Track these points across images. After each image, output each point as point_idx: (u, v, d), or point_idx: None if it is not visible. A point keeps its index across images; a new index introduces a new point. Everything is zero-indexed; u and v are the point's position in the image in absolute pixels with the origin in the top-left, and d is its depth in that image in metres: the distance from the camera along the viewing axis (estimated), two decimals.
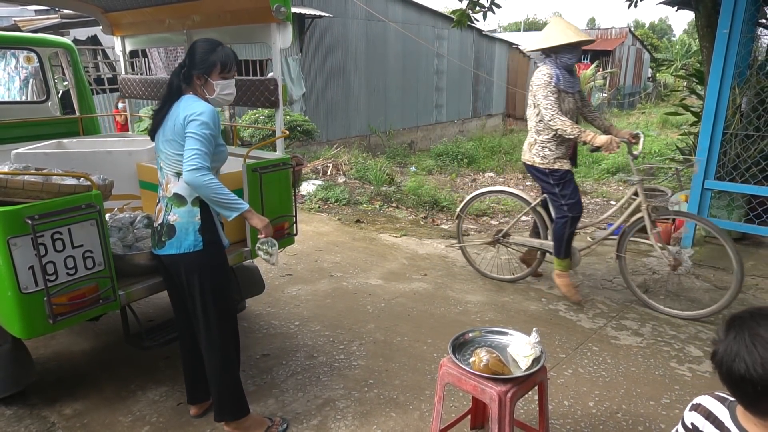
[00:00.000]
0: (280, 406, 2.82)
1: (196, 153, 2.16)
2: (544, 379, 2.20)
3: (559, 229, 3.89)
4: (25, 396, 2.86)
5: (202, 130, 2.19)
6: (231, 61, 2.33)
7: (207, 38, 2.35)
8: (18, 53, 7.31)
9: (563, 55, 3.72)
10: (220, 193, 2.19)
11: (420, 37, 15.04)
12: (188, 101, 2.27)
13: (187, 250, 2.29)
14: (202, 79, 2.30)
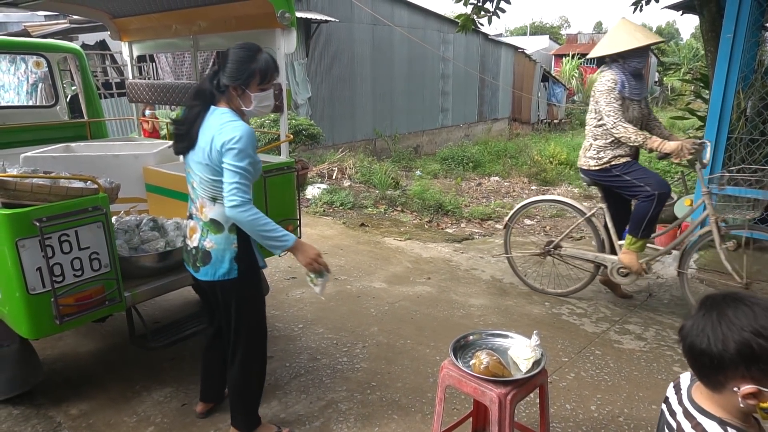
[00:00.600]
0: (283, 407, 2.84)
1: (236, 187, 2.02)
2: (545, 381, 2.20)
3: (644, 205, 3.59)
4: (32, 396, 2.89)
5: (241, 161, 2.01)
6: (271, 71, 2.13)
7: (244, 44, 2.12)
8: (27, 58, 7.41)
9: (632, 60, 3.55)
10: (265, 229, 2.06)
11: (426, 42, 15.09)
12: (221, 119, 2.08)
13: (222, 278, 2.20)
14: (239, 90, 2.10)
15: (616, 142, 3.62)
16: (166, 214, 3.28)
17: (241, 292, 2.27)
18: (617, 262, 3.84)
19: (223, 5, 3.28)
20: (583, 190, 10.26)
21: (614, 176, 3.68)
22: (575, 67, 26.02)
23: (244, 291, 2.28)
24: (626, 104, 3.59)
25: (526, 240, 6.06)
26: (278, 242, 2.08)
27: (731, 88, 4.59)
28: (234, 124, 2.06)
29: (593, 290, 4.37)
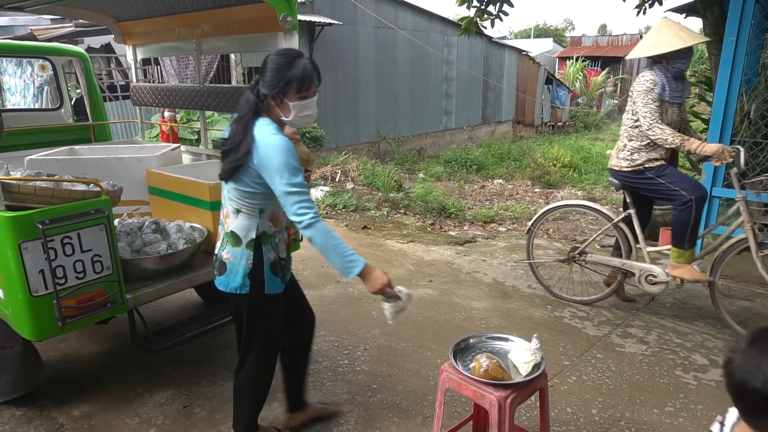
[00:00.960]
0: (285, 410, 2.84)
1: (299, 206, 1.92)
2: (545, 385, 2.20)
3: (683, 215, 3.46)
4: (35, 397, 2.91)
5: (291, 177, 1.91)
6: (310, 78, 2.01)
7: (283, 50, 2.03)
8: (33, 61, 7.48)
9: (676, 62, 3.43)
10: (338, 249, 1.96)
11: (429, 44, 15.10)
12: (260, 133, 1.98)
13: (233, 291, 2.15)
14: (277, 99, 2.01)
15: (652, 144, 3.53)
16: (168, 217, 3.29)
17: (252, 308, 2.21)
18: (646, 269, 3.75)
19: (226, 9, 3.30)
20: (586, 192, 10.24)
21: (647, 179, 3.58)
22: (579, 69, 25.99)
23: (256, 308, 2.21)
24: (665, 107, 3.49)
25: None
26: (348, 264, 1.98)
27: (734, 91, 4.58)
28: (272, 139, 1.95)
29: (595, 293, 4.36)
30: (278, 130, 2.02)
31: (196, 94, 3.78)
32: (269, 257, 2.15)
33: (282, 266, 2.22)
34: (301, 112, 2.04)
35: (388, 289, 2.05)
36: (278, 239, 2.20)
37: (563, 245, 5.17)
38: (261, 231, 2.12)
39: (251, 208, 2.10)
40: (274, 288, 2.19)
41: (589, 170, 12.52)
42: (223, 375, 3.16)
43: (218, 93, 3.63)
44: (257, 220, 2.11)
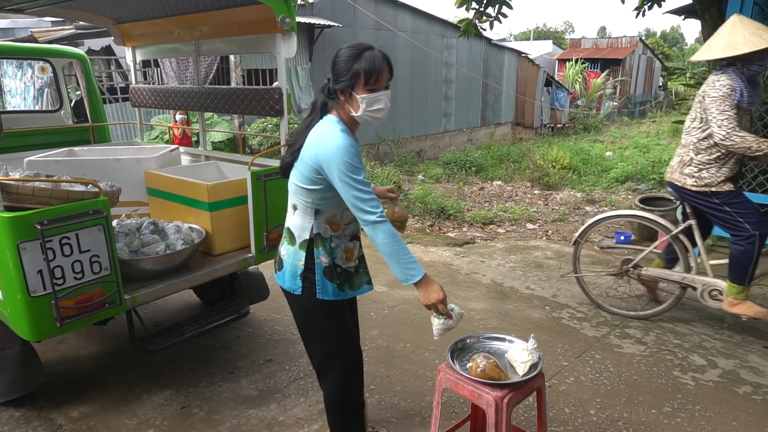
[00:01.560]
0: (282, 410, 2.85)
1: (359, 202, 1.87)
2: (542, 385, 2.21)
3: (745, 249, 3.24)
4: (34, 398, 2.91)
5: (350, 174, 1.86)
6: (379, 70, 1.91)
7: (352, 43, 1.95)
8: (33, 63, 7.49)
9: (753, 64, 3.13)
10: (400, 255, 1.91)
11: (429, 47, 15.13)
12: (321, 129, 1.96)
13: (288, 289, 2.12)
14: (345, 93, 1.94)
15: (723, 158, 3.26)
16: (167, 218, 3.30)
17: (304, 311, 2.16)
18: (709, 284, 3.55)
19: (225, 11, 3.31)
20: (586, 194, 10.25)
21: (713, 204, 3.34)
22: (579, 71, 26.02)
23: (309, 312, 2.14)
24: (740, 114, 3.19)
25: (527, 244, 6.06)
26: (407, 271, 1.92)
27: None
28: (330, 137, 1.91)
29: (594, 294, 4.36)
30: (344, 128, 1.96)
31: (196, 95, 3.79)
32: (322, 260, 2.06)
33: (339, 273, 2.11)
34: (370, 106, 1.94)
35: (441, 305, 1.99)
36: (335, 244, 2.08)
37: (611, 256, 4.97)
38: (315, 233, 2.05)
39: (306, 206, 2.04)
40: (327, 294, 2.09)
41: (588, 172, 12.52)
42: (222, 376, 3.17)
43: (217, 94, 3.64)
44: (312, 221, 2.05)
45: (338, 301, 2.13)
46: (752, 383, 3.08)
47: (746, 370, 3.22)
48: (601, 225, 4.26)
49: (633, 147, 15.54)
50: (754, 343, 3.54)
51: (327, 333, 2.17)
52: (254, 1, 2.93)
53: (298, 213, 2.08)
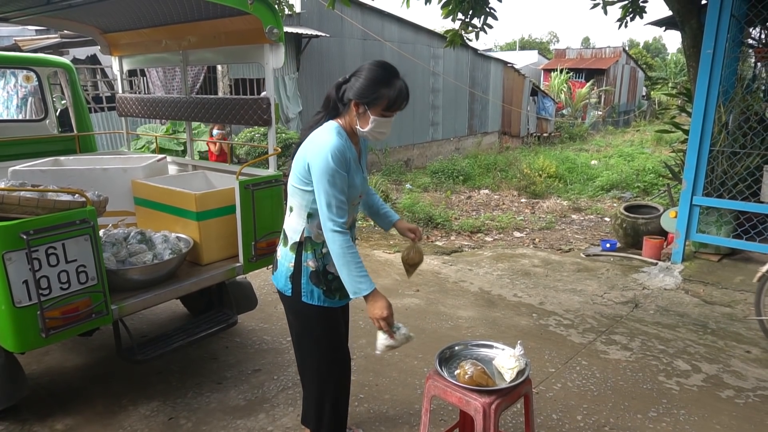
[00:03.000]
0: (271, 420, 2.84)
1: (326, 208, 1.92)
2: (529, 391, 2.23)
3: None
4: (17, 411, 2.87)
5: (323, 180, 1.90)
6: (401, 100, 1.98)
7: (384, 64, 1.97)
8: (17, 72, 7.43)
9: None
10: (350, 265, 1.95)
11: (416, 57, 15.25)
12: (319, 131, 1.99)
13: (280, 290, 2.17)
14: (360, 108, 1.97)
15: None
16: (154, 227, 3.28)
17: (294, 313, 2.18)
18: None
19: (213, 21, 3.32)
20: (572, 202, 10.36)
21: None
22: (564, 81, 26.36)
23: (298, 314, 2.17)
24: None
25: (515, 252, 6.10)
26: (356, 284, 1.97)
27: (712, 102, 4.70)
28: (323, 140, 1.94)
29: (580, 301, 4.42)
30: (340, 134, 1.99)
31: (183, 105, 3.79)
32: (309, 265, 2.09)
33: (330, 280, 2.12)
34: (378, 128, 2.00)
35: (383, 321, 2.02)
36: (326, 250, 2.07)
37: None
38: (306, 236, 2.08)
39: (300, 208, 2.07)
40: (313, 299, 2.10)
41: (574, 180, 12.66)
42: (209, 386, 3.15)
43: (205, 104, 3.64)
44: (304, 224, 2.07)
45: (328, 308, 2.14)
46: (735, 387, 3.13)
47: (729, 374, 3.27)
48: (588, 234, 4.26)
49: (618, 156, 15.75)
50: (737, 348, 3.60)
51: (314, 337, 2.19)
52: (242, 12, 2.95)
53: (293, 215, 2.10)
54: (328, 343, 2.22)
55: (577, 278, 4.98)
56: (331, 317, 2.18)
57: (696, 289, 4.60)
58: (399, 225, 2.40)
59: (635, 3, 5.99)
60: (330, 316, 2.18)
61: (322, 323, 2.17)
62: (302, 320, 2.18)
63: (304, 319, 2.17)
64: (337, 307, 2.19)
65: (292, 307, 2.17)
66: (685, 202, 4.97)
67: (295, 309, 2.17)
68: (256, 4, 2.89)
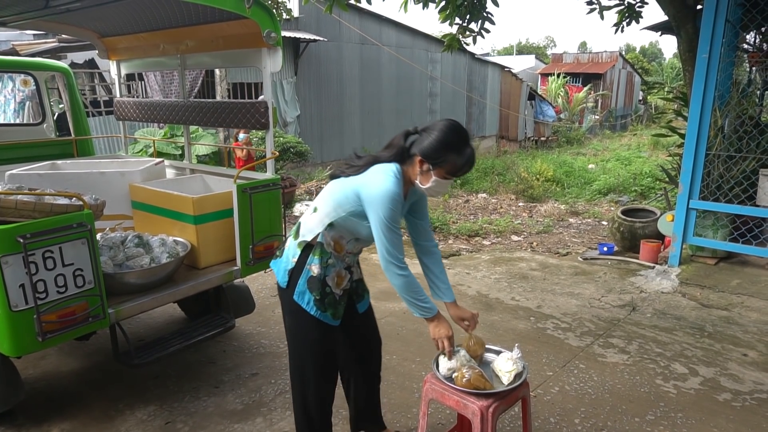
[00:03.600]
0: (268, 424, 2.83)
1: (382, 243, 1.96)
2: (527, 394, 2.23)
3: None
4: (13, 416, 2.85)
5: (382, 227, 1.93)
6: (466, 168, 1.99)
7: (458, 128, 1.97)
8: (15, 76, 7.42)
9: None
10: (413, 296, 2.04)
11: (413, 61, 15.30)
12: (380, 170, 1.98)
13: (277, 278, 2.19)
14: (424, 165, 1.98)
15: None
16: (151, 231, 3.28)
17: (285, 307, 2.20)
18: None
19: (210, 25, 3.34)
20: (569, 206, 10.38)
21: None
22: (561, 85, 26.46)
23: (290, 310, 2.17)
24: None
25: (512, 256, 6.11)
26: (420, 311, 2.08)
27: (708, 106, 4.72)
28: (384, 185, 1.92)
29: (578, 304, 4.42)
30: (398, 180, 1.97)
31: (181, 109, 3.79)
32: (311, 269, 2.10)
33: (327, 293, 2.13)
34: (437, 188, 2.02)
35: (446, 342, 2.10)
36: (332, 262, 2.12)
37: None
38: (318, 241, 2.10)
39: (325, 215, 2.08)
40: (302, 301, 2.12)
41: (572, 184, 12.69)
42: (207, 390, 3.14)
43: (203, 108, 3.65)
44: (321, 229, 2.09)
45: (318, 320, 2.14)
46: (732, 390, 3.14)
47: (726, 377, 3.28)
48: (586, 237, 4.25)
49: (615, 159, 15.79)
50: (734, 351, 3.60)
51: (300, 340, 2.20)
52: (240, 16, 2.96)
53: (315, 216, 2.11)
54: (312, 350, 2.21)
55: (574, 282, 4.98)
56: (320, 329, 2.16)
57: (693, 292, 4.61)
58: (452, 311, 2.30)
59: (631, 8, 6.02)
60: (320, 328, 2.16)
61: (309, 329, 2.17)
62: (292, 318, 2.20)
63: (293, 317, 2.19)
64: (328, 324, 2.17)
65: (285, 300, 2.19)
66: (681, 206, 4.98)
67: (287, 305, 2.18)
68: (253, 8, 2.90)
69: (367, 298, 2.44)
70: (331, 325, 2.19)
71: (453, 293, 2.33)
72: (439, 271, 2.34)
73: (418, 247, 2.37)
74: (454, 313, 2.29)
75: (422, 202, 2.28)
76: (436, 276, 2.33)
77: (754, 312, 4.20)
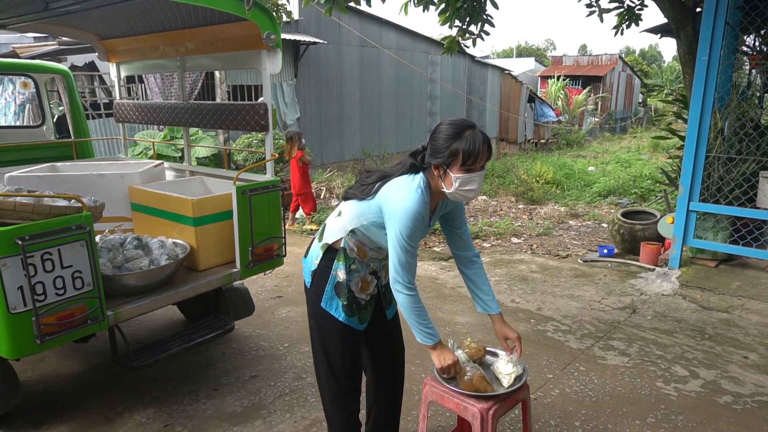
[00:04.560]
0: (267, 427, 2.82)
1: (395, 261, 1.91)
2: (527, 396, 2.22)
3: None
4: (11, 419, 2.84)
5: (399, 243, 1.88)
6: (478, 152, 1.84)
7: (454, 120, 1.90)
8: (15, 79, 7.42)
9: None
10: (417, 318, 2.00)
11: (413, 63, 15.31)
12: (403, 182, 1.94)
13: (304, 278, 2.20)
14: (440, 170, 1.90)
15: None
16: (151, 233, 3.28)
17: (311, 307, 2.19)
18: None
19: (210, 27, 3.34)
20: (569, 209, 10.37)
21: None
22: (561, 88, 26.49)
23: (315, 314, 2.17)
24: None
25: (512, 258, 6.11)
26: (422, 335, 2.04)
27: (708, 108, 4.72)
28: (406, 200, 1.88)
29: (578, 307, 4.41)
30: (423, 193, 1.92)
31: (180, 111, 3.79)
32: (337, 275, 2.09)
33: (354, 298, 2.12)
34: (463, 185, 1.89)
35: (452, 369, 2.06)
36: (356, 268, 2.10)
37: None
38: (341, 246, 2.08)
39: (348, 221, 2.06)
40: (331, 308, 2.11)
41: (572, 186, 12.68)
42: (206, 393, 3.13)
43: (203, 110, 3.65)
44: (344, 234, 2.08)
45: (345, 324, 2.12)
46: (733, 393, 3.13)
47: (727, 380, 3.27)
48: (586, 239, 4.24)
49: (615, 162, 15.80)
50: (734, 354, 3.59)
51: (324, 343, 2.18)
52: (239, 18, 2.96)
53: (339, 220, 2.10)
54: (337, 353, 2.19)
55: (574, 284, 4.98)
56: (346, 333, 2.16)
57: (693, 294, 4.60)
58: (497, 325, 2.21)
59: (631, 10, 6.03)
60: (346, 333, 2.15)
61: (336, 334, 2.16)
62: (317, 321, 2.19)
63: (318, 320, 2.17)
64: (354, 328, 2.16)
65: (311, 302, 2.18)
66: (681, 208, 4.98)
67: (313, 307, 2.18)
68: (253, 10, 2.90)
69: (394, 305, 2.35)
70: (357, 330, 2.18)
71: (498, 305, 2.23)
72: (481, 282, 2.24)
73: (457, 257, 2.26)
74: (499, 329, 2.20)
75: (458, 211, 2.18)
76: (478, 287, 2.24)
77: (754, 314, 4.19)
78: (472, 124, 1.89)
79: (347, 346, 2.19)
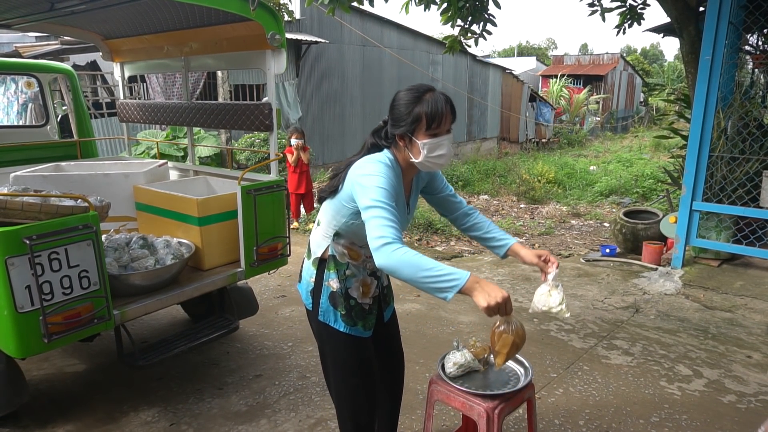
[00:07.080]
0: (272, 426, 2.83)
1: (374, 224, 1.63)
2: (532, 395, 2.23)
3: None
4: (17, 417, 2.86)
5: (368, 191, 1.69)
6: (442, 113, 1.74)
7: (413, 85, 1.80)
8: (18, 78, 7.44)
9: None
10: (423, 270, 1.55)
11: (415, 63, 15.32)
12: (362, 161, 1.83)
13: (304, 302, 2.08)
14: (405, 139, 1.79)
15: None
16: (156, 233, 3.29)
17: (314, 329, 2.10)
18: None
19: (215, 27, 3.34)
20: (571, 208, 10.38)
21: None
22: (562, 87, 26.48)
23: (317, 331, 2.08)
24: None
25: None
26: (446, 283, 1.54)
27: (711, 108, 4.72)
28: (370, 162, 1.78)
29: (581, 306, 4.42)
30: (392, 162, 1.82)
31: (183, 110, 3.80)
32: (330, 285, 1.98)
33: (352, 306, 1.99)
34: (432, 152, 1.77)
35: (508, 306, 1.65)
36: (351, 273, 1.99)
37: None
38: (330, 254, 1.98)
39: (328, 224, 1.97)
40: (329, 319, 2.00)
41: (573, 186, 12.69)
42: (211, 392, 3.14)
43: (207, 110, 3.65)
44: (329, 241, 1.97)
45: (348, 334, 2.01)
46: (736, 392, 3.13)
47: (730, 379, 3.27)
48: (588, 239, 4.25)
49: (616, 161, 15.79)
50: (738, 353, 3.60)
51: (333, 358, 2.08)
52: (244, 18, 2.96)
53: (319, 229, 2.02)
54: (347, 368, 2.08)
55: (577, 283, 4.98)
56: (352, 344, 2.04)
57: (696, 294, 4.61)
58: (523, 251, 2.03)
59: (633, 10, 6.03)
60: (351, 344, 2.04)
61: (341, 347, 2.04)
62: (321, 338, 2.09)
63: (322, 337, 2.08)
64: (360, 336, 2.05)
65: (313, 322, 2.10)
66: (684, 208, 4.98)
67: (315, 326, 2.09)
68: (258, 10, 2.91)
69: (392, 305, 2.31)
70: (364, 337, 2.06)
71: (511, 236, 2.08)
72: (486, 226, 2.11)
73: (456, 221, 2.16)
74: (526, 254, 2.01)
75: (436, 179, 2.11)
76: (487, 232, 2.10)
77: (757, 314, 4.20)
78: (431, 87, 1.79)
79: (356, 356, 2.05)
